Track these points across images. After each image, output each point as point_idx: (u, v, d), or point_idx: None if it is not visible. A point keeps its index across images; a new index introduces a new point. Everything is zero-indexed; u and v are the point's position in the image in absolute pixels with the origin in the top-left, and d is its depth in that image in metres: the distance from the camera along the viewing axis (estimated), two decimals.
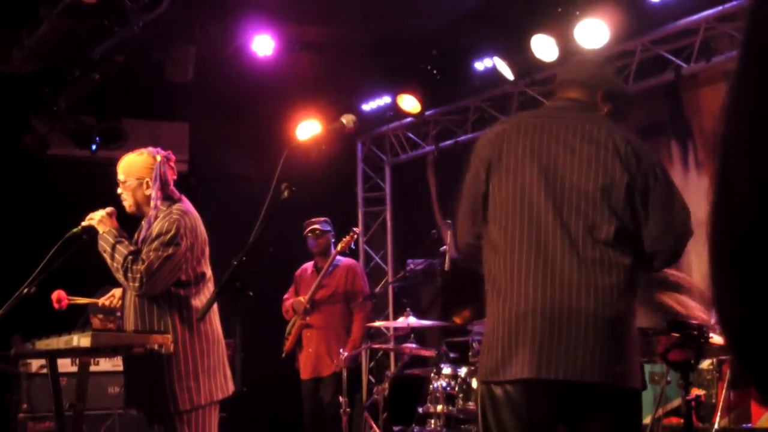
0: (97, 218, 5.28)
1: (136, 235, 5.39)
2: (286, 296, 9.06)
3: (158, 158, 5.40)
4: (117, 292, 5.56)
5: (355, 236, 8.99)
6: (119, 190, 5.42)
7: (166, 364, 5.08)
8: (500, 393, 3.73)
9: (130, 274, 5.08)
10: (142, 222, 5.39)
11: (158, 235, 5.14)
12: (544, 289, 3.65)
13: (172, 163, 5.47)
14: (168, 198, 5.36)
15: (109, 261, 5.21)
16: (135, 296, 5.24)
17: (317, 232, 8.91)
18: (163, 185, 5.36)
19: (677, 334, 4.84)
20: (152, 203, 5.32)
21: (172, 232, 5.13)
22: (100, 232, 5.25)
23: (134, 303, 5.26)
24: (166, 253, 5.09)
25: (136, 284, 5.08)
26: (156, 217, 5.26)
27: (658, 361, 6.07)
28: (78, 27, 8.22)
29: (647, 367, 6.59)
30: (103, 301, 5.67)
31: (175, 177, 5.48)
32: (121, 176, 5.40)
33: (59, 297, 5.72)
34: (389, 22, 9.29)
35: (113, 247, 5.17)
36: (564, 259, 3.66)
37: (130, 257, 5.11)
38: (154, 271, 5.06)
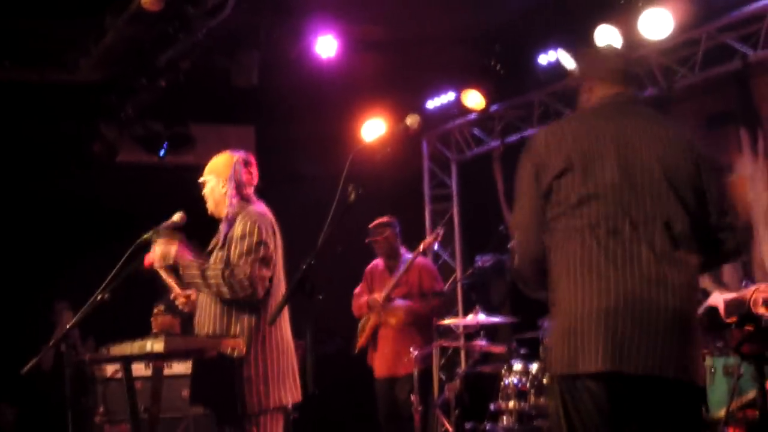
0: (170, 258, 5.26)
1: (215, 239, 5.46)
2: (357, 290, 8.94)
3: (235, 158, 5.46)
4: (194, 294, 5.56)
5: (439, 238, 8.92)
6: (204, 191, 5.53)
7: (237, 367, 5.11)
8: (581, 388, 3.61)
9: (236, 287, 5.12)
10: (220, 226, 5.45)
11: (243, 239, 5.19)
12: (624, 281, 3.59)
13: (251, 168, 5.53)
14: (244, 199, 5.43)
15: (204, 289, 5.26)
16: (210, 301, 5.30)
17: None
18: (239, 185, 5.42)
19: (750, 327, 4.78)
20: (227, 201, 5.39)
21: (256, 235, 5.20)
22: (180, 271, 5.28)
23: (208, 307, 5.32)
24: (258, 256, 5.16)
25: (246, 293, 5.13)
26: (234, 218, 5.32)
27: (731, 354, 5.99)
28: (143, 35, 8.34)
29: (721, 360, 6.51)
30: (181, 300, 5.61)
31: (253, 182, 5.54)
32: (204, 176, 5.52)
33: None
34: (451, 18, 9.27)
35: (203, 275, 5.19)
36: (641, 253, 3.62)
37: (226, 272, 5.13)
38: (255, 276, 5.12)
